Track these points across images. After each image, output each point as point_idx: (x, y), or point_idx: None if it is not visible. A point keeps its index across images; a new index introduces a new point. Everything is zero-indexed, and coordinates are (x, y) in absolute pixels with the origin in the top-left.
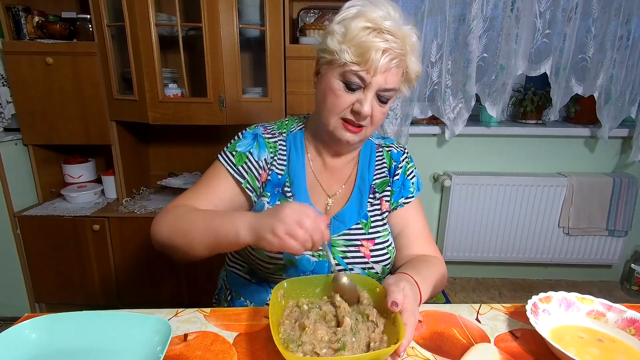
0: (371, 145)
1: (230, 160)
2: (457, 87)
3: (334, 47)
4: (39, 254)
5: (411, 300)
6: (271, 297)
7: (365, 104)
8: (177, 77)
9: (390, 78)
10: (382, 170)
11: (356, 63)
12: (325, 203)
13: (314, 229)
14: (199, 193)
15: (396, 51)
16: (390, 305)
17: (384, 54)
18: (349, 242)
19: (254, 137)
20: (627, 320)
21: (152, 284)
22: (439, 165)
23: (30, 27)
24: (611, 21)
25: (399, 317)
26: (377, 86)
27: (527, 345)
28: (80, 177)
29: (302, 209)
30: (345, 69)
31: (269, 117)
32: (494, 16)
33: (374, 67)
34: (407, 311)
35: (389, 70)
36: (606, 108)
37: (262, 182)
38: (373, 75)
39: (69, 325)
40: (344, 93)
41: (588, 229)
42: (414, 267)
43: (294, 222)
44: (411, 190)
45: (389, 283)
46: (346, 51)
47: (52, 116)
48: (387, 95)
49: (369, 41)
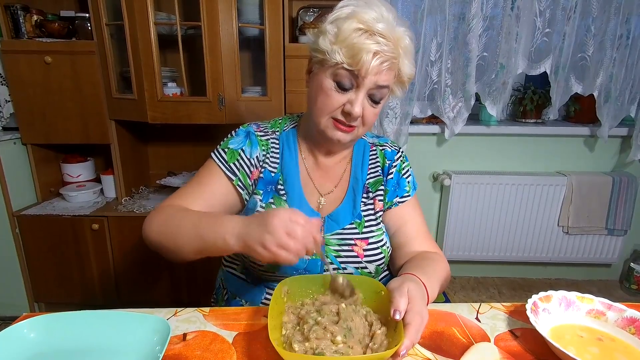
0: (365, 145)
1: (223, 158)
2: (457, 86)
3: (325, 47)
4: (38, 254)
5: (418, 300)
6: (274, 292)
7: (356, 104)
8: (176, 76)
9: (382, 79)
10: (375, 170)
11: (347, 64)
12: (317, 201)
13: (305, 236)
14: (192, 191)
15: (387, 54)
16: (392, 314)
17: (375, 56)
18: (342, 242)
19: (246, 134)
20: (627, 319)
21: (151, 283)
22: (439, 165)
23: (29, 25)
24: (611, 20)
25: (400, 324)
26: (368, 87)
27: (527, 345)
28: (79, 176)
29: (292, 216)
30: (336, 69)
31: (268, 116)
32: (494, 15)
33: (365, 68)
34: (411, 311)
35: (380, 72)
36: (606, 107)
37: (253, 180)
38: (364, 77)
39: (68, 324)
40: (335, 93)
41: (587, 228)
42: (417, 266)
43: (284, 233)
44: (407, 190)
45: (392, 288)
46: (337, 52)
47: (51, 115)
48: (378, 96)
49: (360, 43)
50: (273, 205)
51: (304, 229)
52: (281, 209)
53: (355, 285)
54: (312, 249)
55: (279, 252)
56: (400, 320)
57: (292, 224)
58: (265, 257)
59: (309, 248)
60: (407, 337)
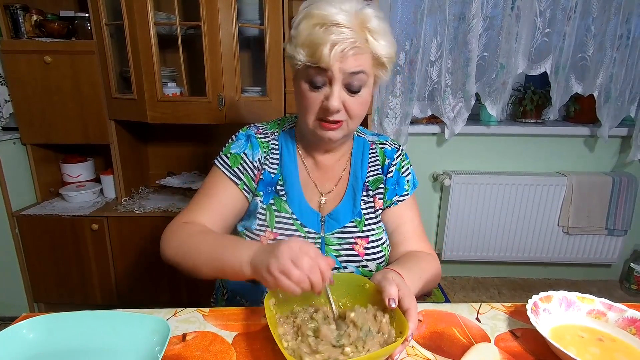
0: (364, 143)
1: (226, 163)
2: (457, 86)
3: (291, 52)
4: (38, 254)
5: (403, 286)
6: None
7: (331, 98)
8: (176, 76)
9: (350, 66)
10: (375, 168)
11: (311, 62)
12: (318, 201)
13: (311, 268)
14: (202, 204)
15: (349, 40)
16: (388, 302)
17: (334, 46)
18: (342, 241)
19: (247, 138)
20: (628, 319)
21: (151, 283)
22: (439, 165)
23: (29, 25)
24: (611, 20)
25: (398, 312)
26: (340, 78)
27: (527, 345)
28: (79, 176)
29: (302, 246)
30: (305, 70)
31: (268, 116)
32: (494, 15)
33: (326, 61)
34: (405, 297)
35: (344, 59)
36: (606, 107)
37: (257, 182)
38: (330, 69)
39: (67, 325)
40: (311, 93)
41: (587, 228)
42: (399, 263)
43: (289, 259)
44: (406, 188)
45: (378, 279)
46: (300, 52)
47: (50, 115)
48: (356, 84)
49: (317, 38)
50: (274, 206)
51: (312, 261)
52: (294, 240)
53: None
54: (318, 283)
55: (280, 277)
56: (397, 308)
57: (301, 253)
58: (269, 283)
59: (314, 282)
60: (411, 320)
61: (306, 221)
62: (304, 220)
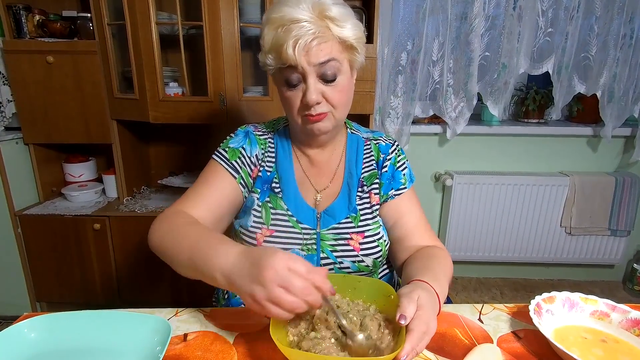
0: (358, 140)
1: (224, 156)
2: (459, 86)
3: (263, 60)
4: (40, 253)
5: (426, 309)
6: None
7: (308, 92)
8: (177, 76)
9: (318, 56)
10: (370, 164)
11: (280, 64)
12: (314, 198)
13: (304, 290)
14: (197, 194)
15: (309, 32)
16: (398, 318)
17: (297, 43)
18: (338, 236)
19: (245, 134)
20: (632, 320)
21: (153, 283)
22: (441, 165)
23: (31, 25)
24: (614, 20)
25: (404, 330)
26: (312, 72)
27: (530, 346)
28: (81, 176)
29: (290, 265)
30: (279, 73)
31: (269, 116)
32: (496, 15)
33: (292, 59)
34: (418, 319)
35: (309, 52)
36: (609, 107)
37: (253, 178)
38: (298, 65)
39: (68, 324)
40: (289, 92)
41: (590, 229)
42: (426, 268)
43: (277, 286)
44: (402, 182)
45: (402, 293)
46: (269, 58)
47: (52, 115)
48: (330, 73)
49: (279, 40)
50: (269, 203)
51: (304, 281)
52: (279, 254)
53: (364, 288)
54: (317, 301)
55: (270, 307)
56: (404, 327)
57: (290, 275)
58: (255, 310)
59: (311, 301)
60: (408, 341)
61: (302, 217)
62: (300, 217)
